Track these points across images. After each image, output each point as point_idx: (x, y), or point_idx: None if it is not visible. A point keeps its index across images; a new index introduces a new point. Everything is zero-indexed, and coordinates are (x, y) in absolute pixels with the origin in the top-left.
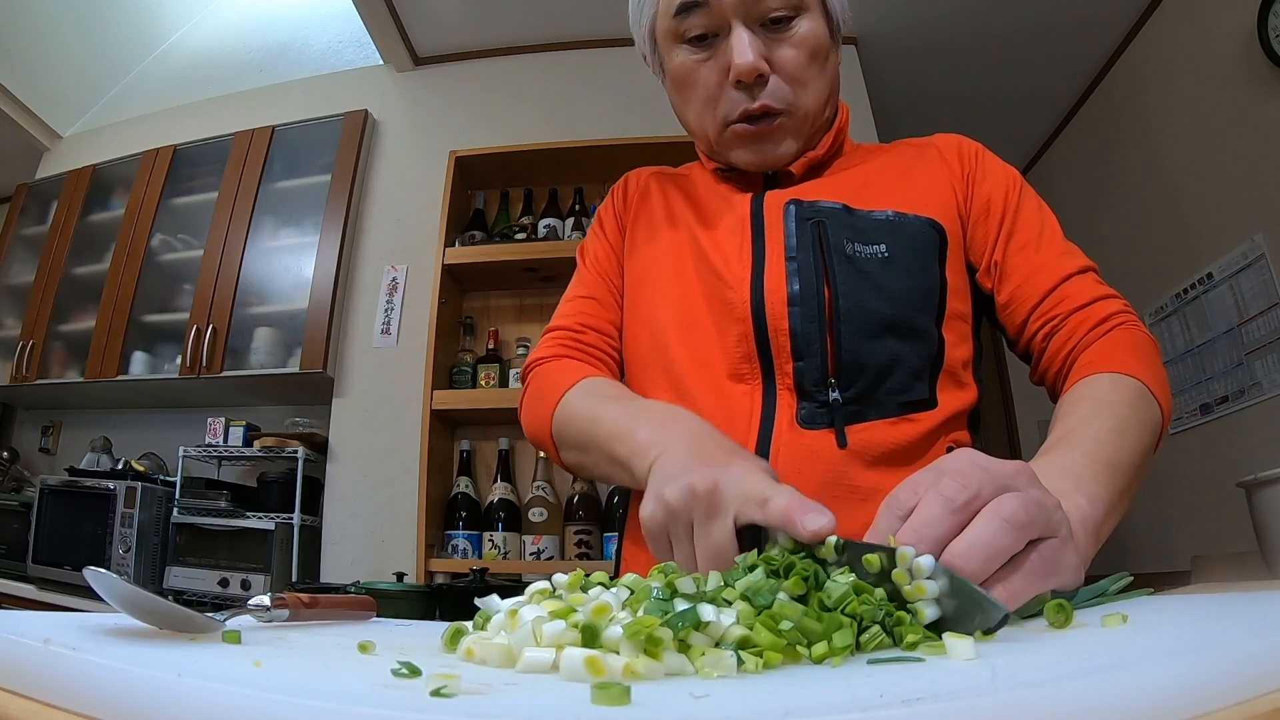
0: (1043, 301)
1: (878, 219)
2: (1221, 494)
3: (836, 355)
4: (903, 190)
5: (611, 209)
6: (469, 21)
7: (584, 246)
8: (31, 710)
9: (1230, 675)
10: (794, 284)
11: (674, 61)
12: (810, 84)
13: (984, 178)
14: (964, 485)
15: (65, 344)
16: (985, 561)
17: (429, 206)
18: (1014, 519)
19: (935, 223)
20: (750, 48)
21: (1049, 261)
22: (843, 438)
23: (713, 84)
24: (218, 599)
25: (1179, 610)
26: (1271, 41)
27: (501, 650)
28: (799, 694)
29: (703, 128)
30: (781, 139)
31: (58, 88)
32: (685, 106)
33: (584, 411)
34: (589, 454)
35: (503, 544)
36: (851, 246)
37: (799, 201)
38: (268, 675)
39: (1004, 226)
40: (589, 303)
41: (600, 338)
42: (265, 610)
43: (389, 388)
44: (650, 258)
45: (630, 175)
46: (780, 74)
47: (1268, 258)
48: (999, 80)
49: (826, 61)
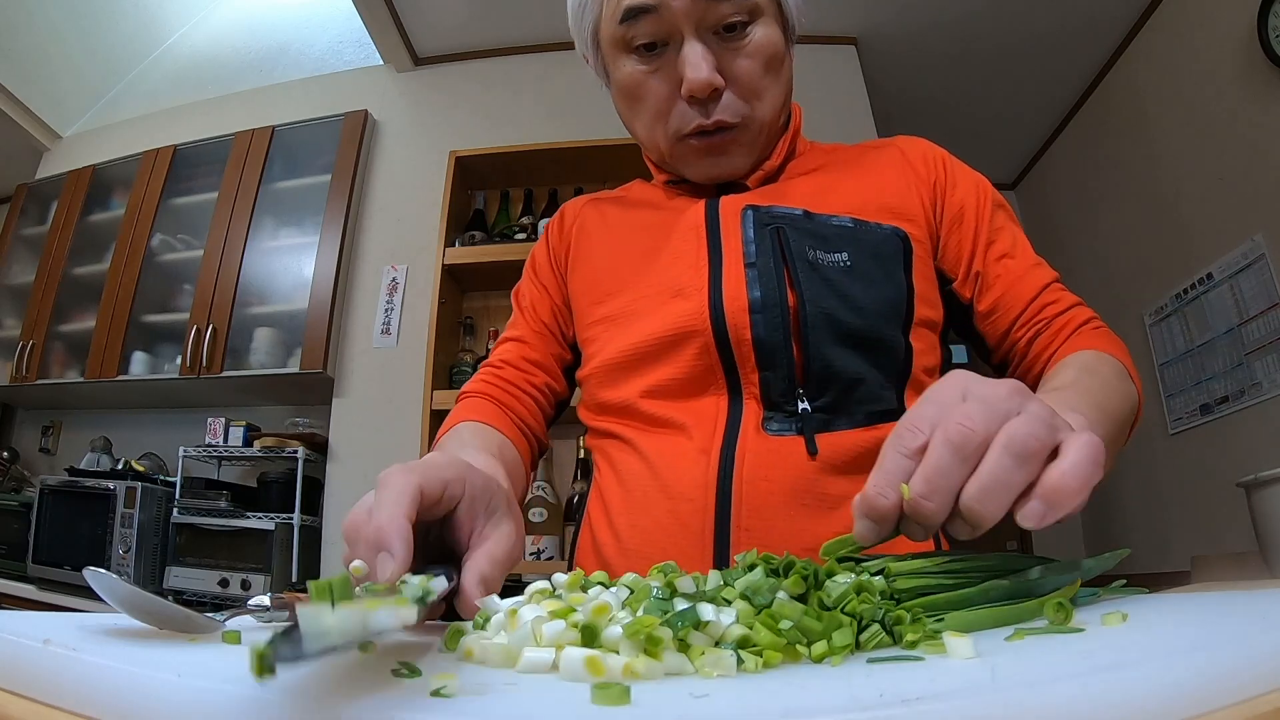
0: (1027, 308)
1: (838, 225)
2: (1221, 494)
3: (805, 365)
4: (863, 195)
5: (546, 250)
6: (469, 21)
7: (518, 290)
8: (31, 710)
9: (1230, 675)
10: (754, 290)
11: (621, 71)
12: (766, 94)
13: (954, 185)
14: (970, 428)
15: (65, 344)
16: (1003, 500)
17: (429, 206)
18: (1025, 450)
19: (898, 229)
20: (704, 61)
21: (1028, 270)
22: (813, 446)
23: (663, 97)
24: (218, 599)
25: (1179, 610)
26: (1271, 41)
27: (501, 650)
28: (799, 693)
29: (653, 140)
30: (736, 151)
31: (58, 88)
32: (634, 118)
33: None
34: None
35: None
36: (814, 254)
37: (756, 207)
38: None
39: (979, 235)
40: (515, 344)
41: (519, 374)
42: (265, 610)
43: (389, 388)
44: (596, 278)
45: (566, 208)
46: (735, 87)
47: (1268, 258)
48: (1000, 80)
49: (782, 68)
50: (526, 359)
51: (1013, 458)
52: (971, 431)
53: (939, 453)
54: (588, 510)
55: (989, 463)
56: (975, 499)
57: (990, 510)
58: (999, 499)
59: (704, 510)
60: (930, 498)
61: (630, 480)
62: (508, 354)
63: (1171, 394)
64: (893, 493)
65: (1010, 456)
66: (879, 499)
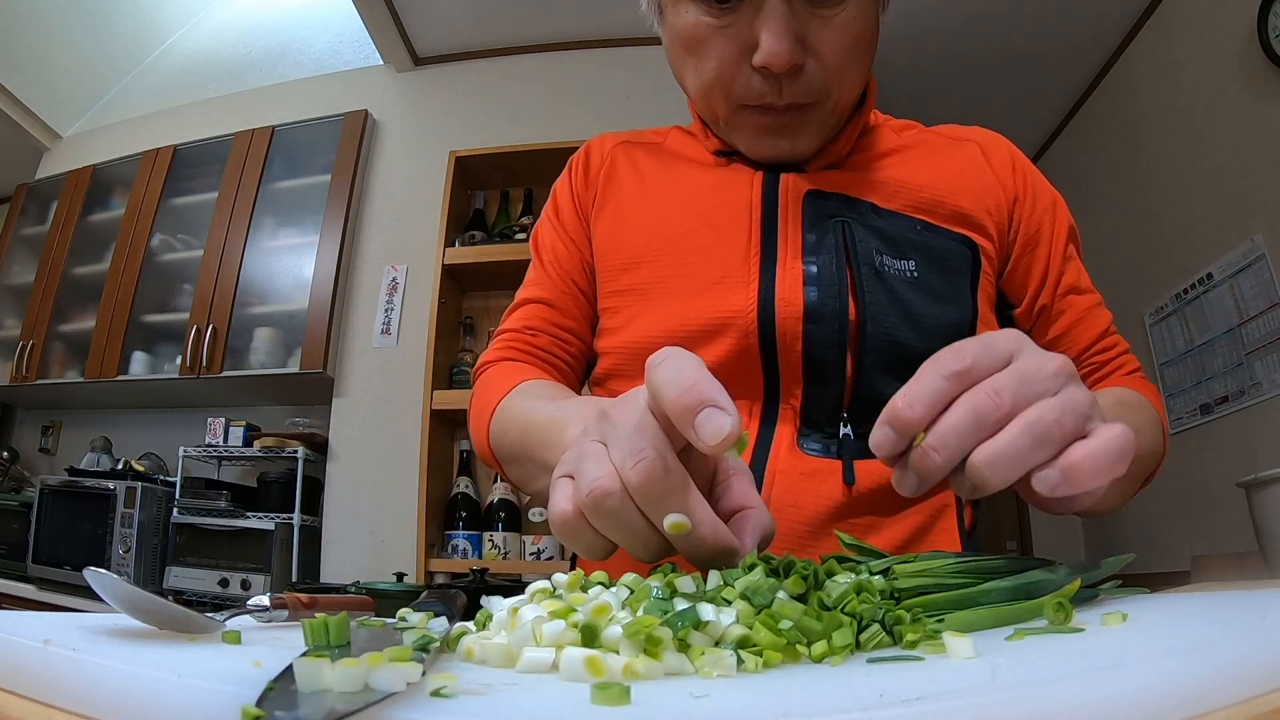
0: (1088, 350)
1: (907, 226)
2: (1221, 494)
3: (855, 388)
4: (936, 193)
5: (569, 189)
6: (469, 21)
7: (538, 236)
8: (31, 710)
9: (1230, 675)
10: (811, 293)
11: (682, 18)
12: (849, 75)
13: (1034, 202)
14: (997, 403)
15: (65, 344)
16: (1011, 473)
17: (429, 206)
18: (1047, 433)
19: (969, 240)
20: (787, 31)
21: (1092, 310)
22: (850, 474)
23: (729, 59)
24: (218, 599)
25: (1179, 610)
26: (1271, 41)
27: (501, 650)
28: (799, 694)
29: (708, 102)
30: (804, 133)
31: (58, 88)
32: (687, 72)
33: (517, 419)
34: (525, 467)
35: (503, 544)
36: (881, 259)
37: (821, 193)
38: (268, 675)
39: (1051, 266)
40: (541, 308)
41: (554, 341)
42: (265, 610)
43: (389, 388)
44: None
45: (591, 145)
46: (816, 62)
47: (1267, 258)
48: (999, 80)
49: (870, 48)
50: (559, 326)
51: (1033, 438)
52: (997, 406)
53: (959, 414)
54: None
55: (1007, 435)
56: (984, 464)
57: (996, 478)
58: (1007, 470)
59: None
60: (939, 451)
61: None
62: (534, 319)
63: (1171, 394)
64: (921, 406)
65: (1030, 436)
66: (906, 409)
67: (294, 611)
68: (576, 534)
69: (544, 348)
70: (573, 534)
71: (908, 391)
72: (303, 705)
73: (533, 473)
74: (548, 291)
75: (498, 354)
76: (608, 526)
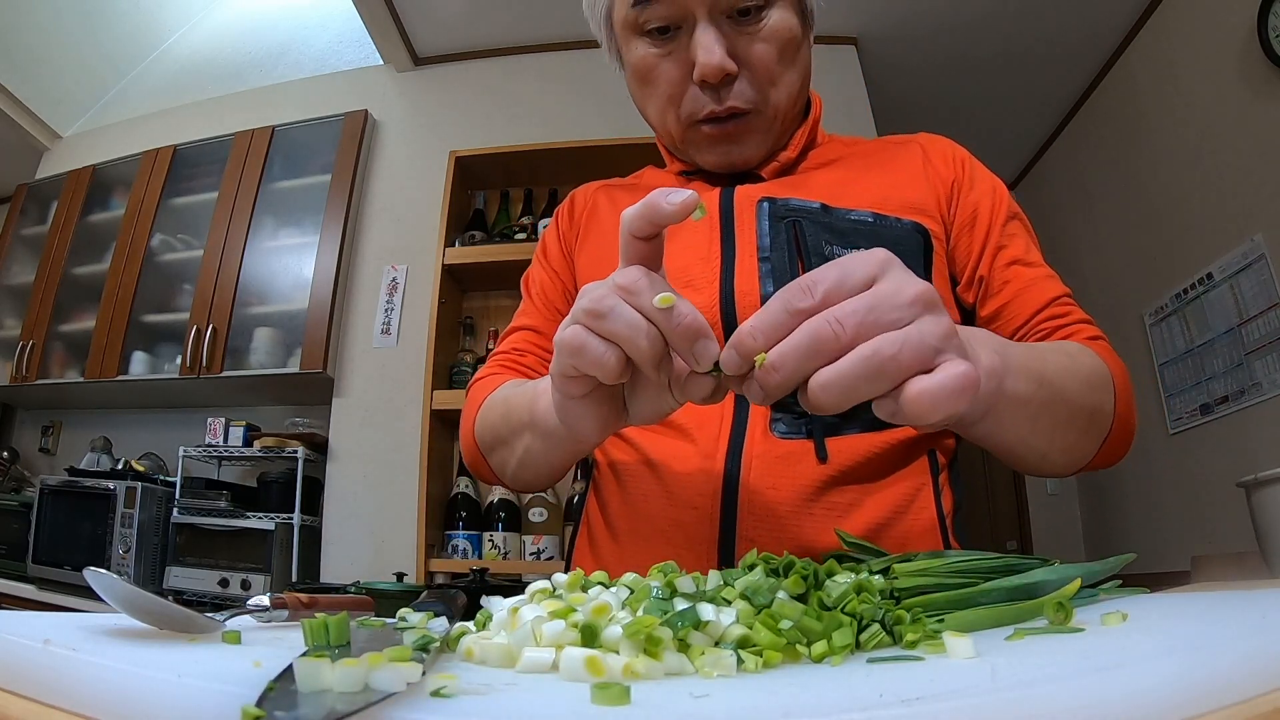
0: (1033, 318)
1: (857, 220)
2: (1221, 494)
3: None
4: (883, 189)
5: (556, 233)
6: (469, 21)
7: (528, 276)
8: (31, 710)
9: (1230, 675)
10: (767, 285)
11: (633, 54)
12: (781, 80)
13: (971, 186)
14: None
15: (65, 344)
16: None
17: (429, 206)
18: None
19: (920, 226)
20: (717, 45)
21: (1038, 280)
22: (823, 451)
23: (675, 81)
24: (218, 599)
25: (1179, 610)
26: (1271, 41)
27: (501, 650)
28: (799, 693)
29: (665, 125)
30: (750, 139)
31: (58, 87)
32: (646, 102)
33: (499, 405)
34: (506, 441)
35: (503, 544)
36: (830, 249)
37: (772, 199)
38: (268, 675)
39: (989, 239)
40: (529, 334)
41: (539, 360)
42: (265, 610)
43: (389, 388)
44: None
45: (576, 193)
46: (749, 72)
47: (1267, 258)
48: (1000, 80)
49: (798, 54)
50: (544, 348)
51: (868, 369)
52: (837, 336)
53: (800, 339)
54: (586, 512)
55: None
56: (818, 388)
57: (828, 403)
58: (838, 396)
59: (710, 519)
60: (778, 371)
61: (631, 484)
62: (522, 343)
63: (1171, 394)
64: (761, 338)
65: (865, 366)
66: (749, 338)
67: (294, 611)
68: (584, 347)
69: (530, 365)
70: (580, 348)
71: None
72: (303, 705)
73: (512, 444)
74: (534, 320)
75: (488, 371)
76: (607, 326)
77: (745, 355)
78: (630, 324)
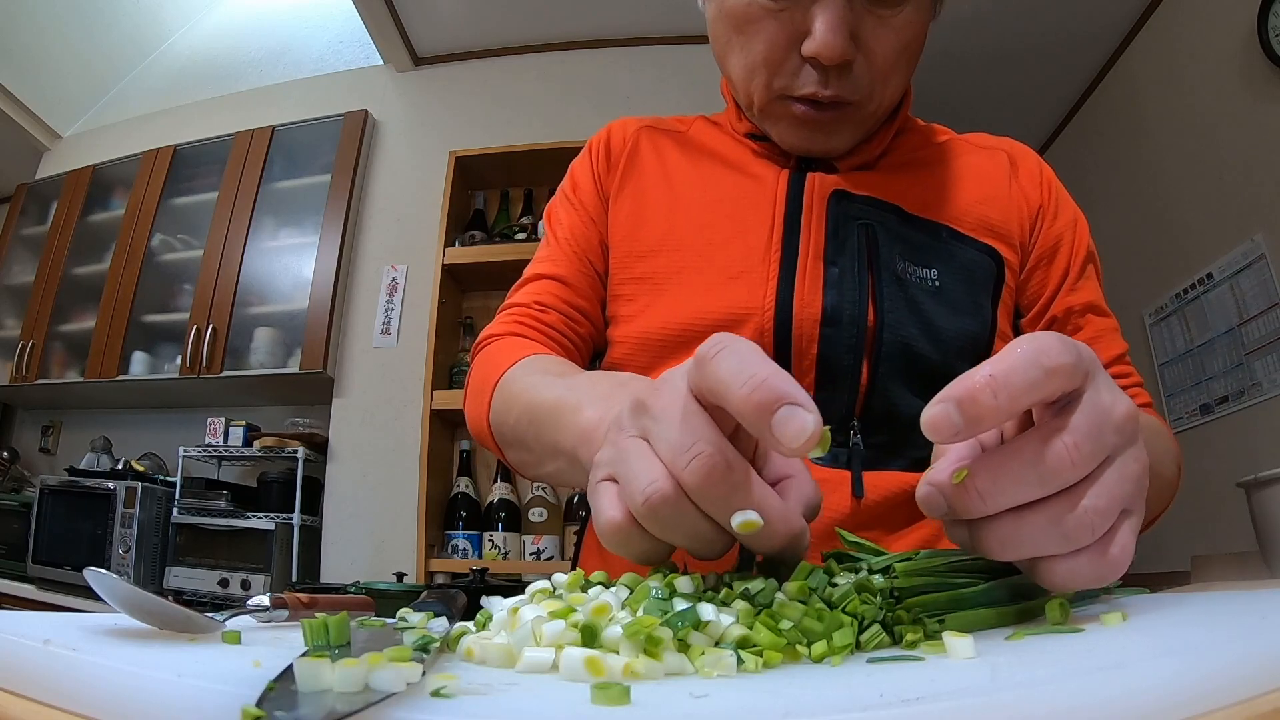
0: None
1: (931, 234)
2: (1221, 494)
3: (867, 397)
4: (963, 203)
5: (590, 168)
6: (469, 21)
7: (553, 211)
8: (31, 710)
9: (1230, 675)
10: (830, 296)
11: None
12: (894, 77)
13: (1055, 216)
14: (1075, 455)
15: (65, 344)
16: (1018, 557)
17: (429, 206)
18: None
19: (994, 251)
20: (843, 25)
21: (1108, 333)
22: (859, 487)
23: (778, 45)
24: (218, 599)
25: (1179, 610)
26: (1271, 41)
27: (501, 650)
28: (799, 694)
29: (747, 86)
30: (843, 132)
31: (58, 87)
32: (731, 52)
33: (521, 397)
34: (532, 450)
35: (503, 544)
36: (903, 265)
37: (847, 194)
38: (268, 675)
39: (1068, 279)
40: (554, 284)
41: (564, 320)
42: (265, 610)
43: (389, 388)
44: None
45: (613, 126)
46: (867, 61)
47: (1267, 258)
48: (999, 80)
49: (918, 53)
50: (571, 304)
51: (1061, 535)
52: (1071, 469)
53: (1023, 468)
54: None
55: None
56: (997, 544)
57: (1003, 556)
58: (1015, 554)
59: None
60: (985, 500)
61: None
62: (545, 295)
63: (1171, 394)
64: (1003, 396)
65: (1059, 535)
66: (988, 395)
67: (294, 611)
68: (630, 541)
69: (553, 325)
70: (625, 542)
71: (996, 369)
72: (303, 705)
73: (539, 456)
74: (562, 268)
75: (503, 328)
76: (666, 531)
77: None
78: (695, 535)
